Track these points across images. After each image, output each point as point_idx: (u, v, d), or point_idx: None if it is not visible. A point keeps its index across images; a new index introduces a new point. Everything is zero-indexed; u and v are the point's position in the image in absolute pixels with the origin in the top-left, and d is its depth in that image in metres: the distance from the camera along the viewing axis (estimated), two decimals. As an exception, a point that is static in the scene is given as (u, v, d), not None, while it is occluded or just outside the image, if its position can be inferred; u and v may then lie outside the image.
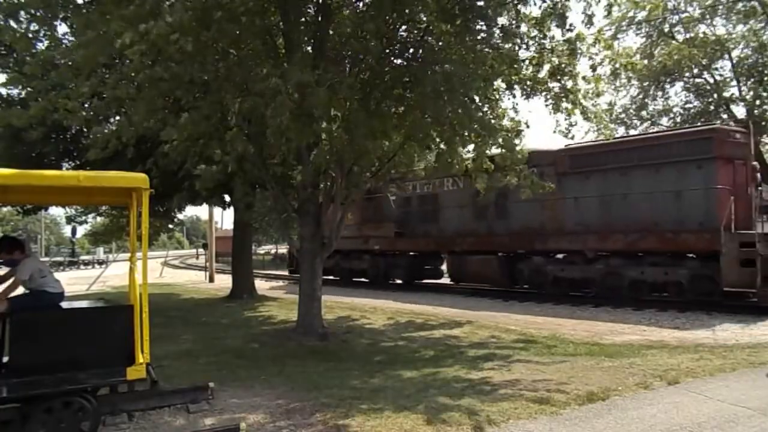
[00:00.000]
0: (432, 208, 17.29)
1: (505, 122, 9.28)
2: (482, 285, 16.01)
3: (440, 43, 7.98)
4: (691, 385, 5.73)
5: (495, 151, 8.94)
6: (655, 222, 12.11)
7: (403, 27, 8.36)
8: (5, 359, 4.43)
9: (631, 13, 22.92)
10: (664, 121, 24.71)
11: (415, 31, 8.35)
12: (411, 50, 8.31)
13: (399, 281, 18.88)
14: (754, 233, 10.85)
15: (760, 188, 11.74)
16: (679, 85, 23.84)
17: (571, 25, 8.22)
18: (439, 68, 7.51)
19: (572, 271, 13.76)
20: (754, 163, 11.96)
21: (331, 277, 19.80)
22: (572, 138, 10.01)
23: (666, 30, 22.82)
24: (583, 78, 8.87)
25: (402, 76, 8.11)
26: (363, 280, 19.67)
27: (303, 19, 8.47)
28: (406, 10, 7.68)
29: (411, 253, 18.25)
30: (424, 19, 7.80)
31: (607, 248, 12.92)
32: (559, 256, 14.26)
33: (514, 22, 8.34)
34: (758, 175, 11.87)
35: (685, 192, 11.75)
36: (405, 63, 8.32)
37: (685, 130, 12.61)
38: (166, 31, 5.90)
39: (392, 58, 8.46)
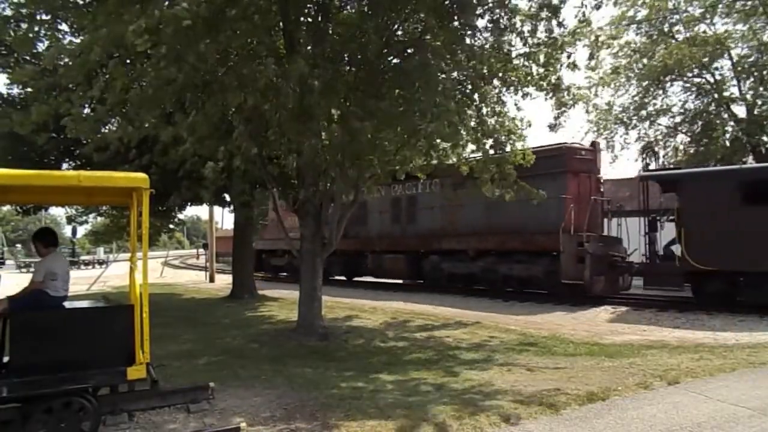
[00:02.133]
0: (361, 213, 18.89)
1: (506, 123, 9.29)
2: (396, 279, 18.87)
3: (437, 43, 7.97)
4: (691, 385, 5.73)
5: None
6: (522, 225, 14.36)
7: (400, 28, 8.36)
8: (6, 359, 4.44)
9: (631, 12, 22.90)
10: (663, 120, 24.71)
11: (412, 30, 8.35)
12: (410, 50, 8.32)
13: (340, 277, 20.80)
14: (583, 235, 13.11)
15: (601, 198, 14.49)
16: (678, 84, 23.84)
17: (563, 20, 8.28)
18: (433, 62, 7.51)
19: (461, 268, 16.20)
20: (599, 175, 14.38)
21: (285, 274, 23.04)
22: (558, 129, 9.99)
23: (666, 29, 22.81)
24: (589, 68, 8.97)
25: (400, 75, 8.11)
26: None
27: (303, 19, 8.48)
28: (405, 9, 7.68)
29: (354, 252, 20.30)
30: (422, 17, 7.79)
31: (484, 248, 15.43)
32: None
33: (508, 15, 8.35)
34: (601, 186, 14.40)
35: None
36: (402, 62, 8.32)
37: (543, 147, 14.27)
38: (182, 15, 5.75)
39: (390, 58, 8.46)
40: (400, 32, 8.49)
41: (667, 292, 12.71)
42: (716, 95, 22.19)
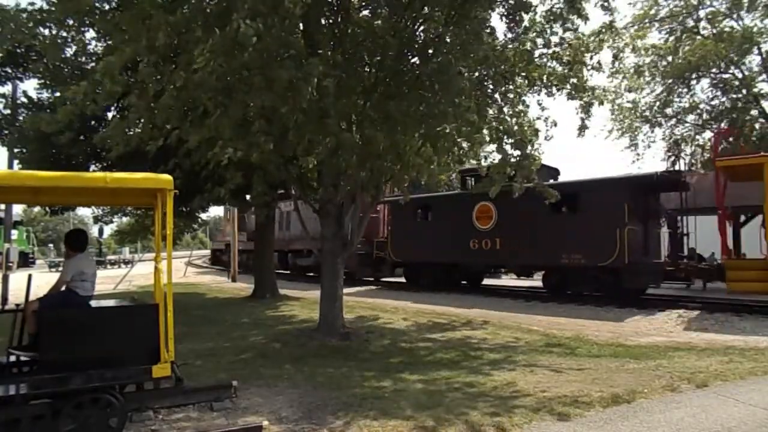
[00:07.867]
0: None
1: (526, 124, 9.21)
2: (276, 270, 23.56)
3: (455, 41, 7.90)
4: (721, 388, 5.59)
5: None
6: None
7: (419, 27, 8.33)
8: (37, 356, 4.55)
9: (653, 11, 22.49)
10: (691, 118, 24.16)
11: (432, 31, 8.31)
12: (430, 51, 8.27)
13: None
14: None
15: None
16: (705, 81, 23.30)
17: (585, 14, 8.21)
18: (453, 62, 7.47)
19: (303, 261, 23.14)
20: (380, 200, 19.17)
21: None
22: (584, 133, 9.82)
23: (690, 25, 22.32)
24: (612, 71, 8.85)
25: (418, 78, 8.08)
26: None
27: (323, 21, 8.50)
28: (425, 9, 7.65)
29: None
30: (437, 12, 7.75)
31: (313, 248, 20.05)
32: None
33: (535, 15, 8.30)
34: (377, 207, 18.32)
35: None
36: (421, 65, 8.29)
37: None
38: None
39: (410, 59, 8.43)
40: (421, 30, 8.44)
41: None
42: (745, 91, 21.63)
